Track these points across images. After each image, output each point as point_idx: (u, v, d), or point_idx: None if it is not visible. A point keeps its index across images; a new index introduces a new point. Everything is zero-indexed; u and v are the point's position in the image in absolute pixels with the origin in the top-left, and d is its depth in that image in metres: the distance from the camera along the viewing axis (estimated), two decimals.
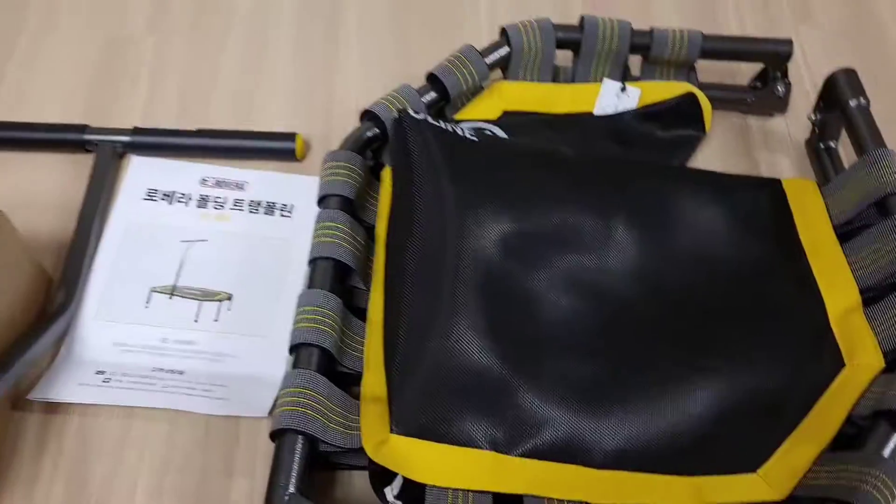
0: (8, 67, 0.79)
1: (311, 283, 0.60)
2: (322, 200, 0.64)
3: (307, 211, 0.71)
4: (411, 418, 0.53)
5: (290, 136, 0.73)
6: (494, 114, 0.71)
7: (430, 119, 0.62)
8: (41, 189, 0.72)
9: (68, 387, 0.60)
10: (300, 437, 0.52)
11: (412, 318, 0.57)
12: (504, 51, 0.70)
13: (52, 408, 0.60)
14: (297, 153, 0.73)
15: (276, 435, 0.53)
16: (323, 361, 0.56)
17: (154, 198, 0.71)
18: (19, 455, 0.59)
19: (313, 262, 0.61)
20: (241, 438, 0.60)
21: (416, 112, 0.65)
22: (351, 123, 0.75)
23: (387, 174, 0.67)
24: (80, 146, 0.72)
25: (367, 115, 0.68)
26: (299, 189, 0.72)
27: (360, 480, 0.58)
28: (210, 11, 0.85)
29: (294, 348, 0.57)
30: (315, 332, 0.56)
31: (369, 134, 0.67)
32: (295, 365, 0.56)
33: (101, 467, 0.58)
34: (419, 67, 0.79)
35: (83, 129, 0.73)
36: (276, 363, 0.63)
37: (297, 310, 0.58)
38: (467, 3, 0.87)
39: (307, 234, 0.69)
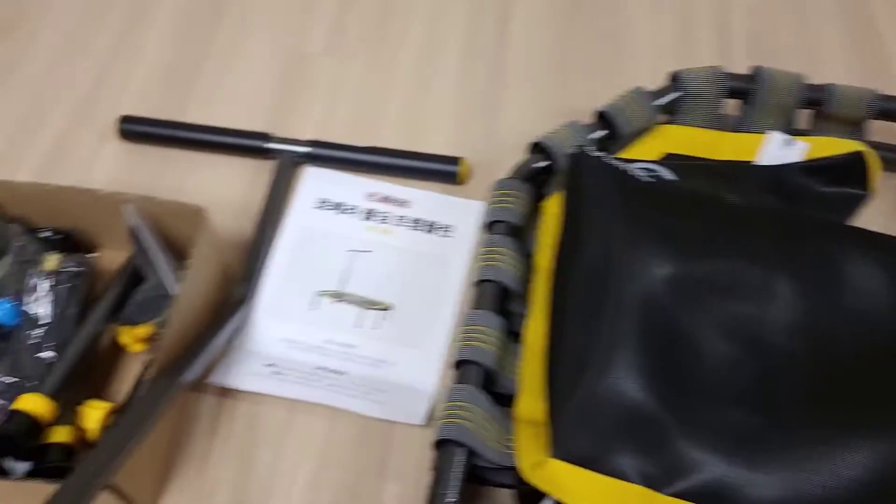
0: (201, 75, 0.87)
1: (478, 303, 0.63)
2: (490, 225, 0.67)
3: (466, 232, 0.75)
4: (570, 445, 0.55)
5: (455, 161, 0.77)
6: (657, 155, 0.73)
7: (605, 158, 0.64)
8: (224, 189, 0.78)
9: (241, 375, 0.65)
10: (461, 449, 0.55)
11: (573, 349, 0.59)
12: (674, 95, 0.71)
13: (225, 392, 0.66)
14: (459, 177, 0.77)
15: (439, 444, 0.56)
16: (484, 380, 0.59)
17: (325, 207, 0.76)
18: (194, 432, 0.64)
19: (480, 283, 0.64)
20: (395, 443, 0.63)
21: (591, 149, 0.67)
22: (510, 152, 0.79)
23: (550, 205, 0.69)
24: (262, 153, 0.78)
25: (537, 147, 0.70)
26: (460, 211, 0.76)
27: (500, 497, 0.61)
28: (383, 39, 0.91)
29: (459, 364, 0.60)
30: (480, 351, 0.59)
31: (538, 165, 0.70)
32: (459, 380, 0.59)
33: (266, 453, 0.63)
34: (579, 104, 0.82)
35: (266, 137, 0.79)
36: (430, 374, 0.66)
37: (464, 327, 0.61)
38: (629, 45, 0.89)
39: (464, 254, 0.73)
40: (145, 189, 0.77)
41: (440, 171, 0.78)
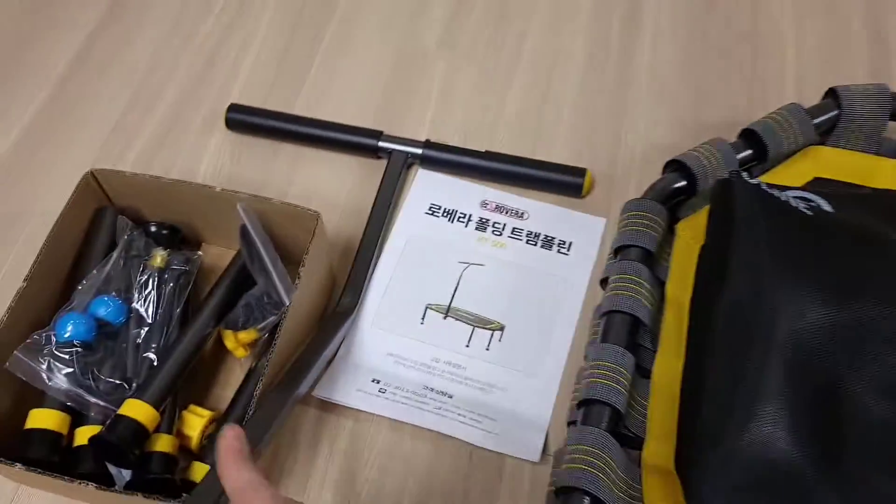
0: (311, 67, 0.83)
1: (606, 336, 0.58)
2: (621, 250, 0.62)
3: (586, 252, 0.69)
4: (708, 499, 0.50)
5: (580, 172, 0.72)
6: (804, 179, 0.66)
7: (763, 185, 0.58)
8: (330, 187, 0.74)
9: (348, 390, 0.61)
10: (588, 498, 0.50)
11: (713, 394, 0.53)
12: (833, 114, 0.64)
13: (329, 406, 0.62)
14: (583, 189, 0.71)
15: (563, 491, 0.51)
16: (613, 422, 0.54)
17: (436, 213, 0.72)
18: (298, 444, 0.61)
19: (609, 314, 0.59)
20: (505, 477, 0.59)
21: (745, 175, 0.60)
22: (636, 167, 0.73)
23: (684, 228, 0.63)
24: (373, 152, 0.75)
25: (675, 166, 0.64)
26: (580, 227, 0.71)
27: None
28: (502, 40, 0.85)
29: (585, 403, 0.55)
30: (609, 391, 0.54)
31: (676, 185, 0.64)
32: (585, 421, 0.54)
33: (369, 472, 0.59)
34: (713, 117, 0.76)
35: (379, 135, 0.75)
36: (543, 405, 0.61)
37: (591, 362, 0.56)
38: (773, 55, 0.81)
39: (584, 275, 0.67)
40: (249, 183, 0.75)
41: (563, 182, 0.72)
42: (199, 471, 0.56)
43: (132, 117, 0.80)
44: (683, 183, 0.64)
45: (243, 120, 0.77)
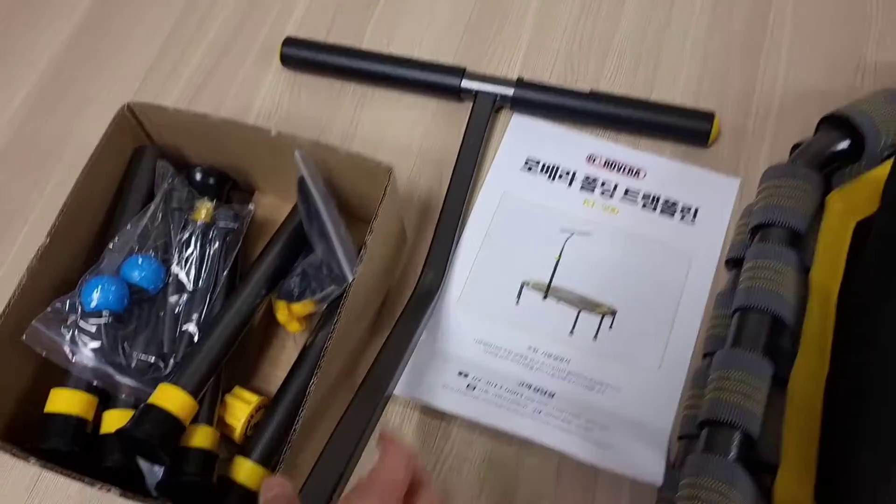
0: None
1: (739, 339, 0.46)
2: (760, 228, 0.49)
3: (715, 220, 0.56)
4: None
5: (707, 116, 0.58)
6: None
7: None
8: (403, 136, 0.62)
9: (432, 387, 0.50)
10: None
11: (876, 419, 0.40)
12: None
13: (399, 400, 0.52)
14: (709, 138, 0.58)
15: None
16: (744, 449, 0.42)
17: (534, 169, 0.60)
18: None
19: (744, 311, 0.46)
20: (600, 495, 0.48)
21: None
22: (774, 118, 0.60)
23: (837, 202, 0.50)
24: (455, 93, 0.62)
25: (833, 123, 0.51)
26: (708, 189, 0.57)
27: None
28: None
29: (709, 423, 0.43)
30: (742, 412, 0.42)
31: (837, 148, 0.50)
32: (709, 445, 0.43)
33: (458, 484, 0.49)
34: (880, 58, 0.61)
35: (461, 73, 0.62)
36: (664, 410, 0.50)
37: (718, 372, 0.44)
38: None
39: (713, 250, 0.55)
40: (309, 127, 0.63)
41: (684, 128, 0.59)
42: (242, 468, 0.46)
43: (174, 49, 0.69)
44: (846, 144, 0.50)
45: (301, 56, 0.65)
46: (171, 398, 0.44)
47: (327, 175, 0.52)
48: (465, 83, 0.62)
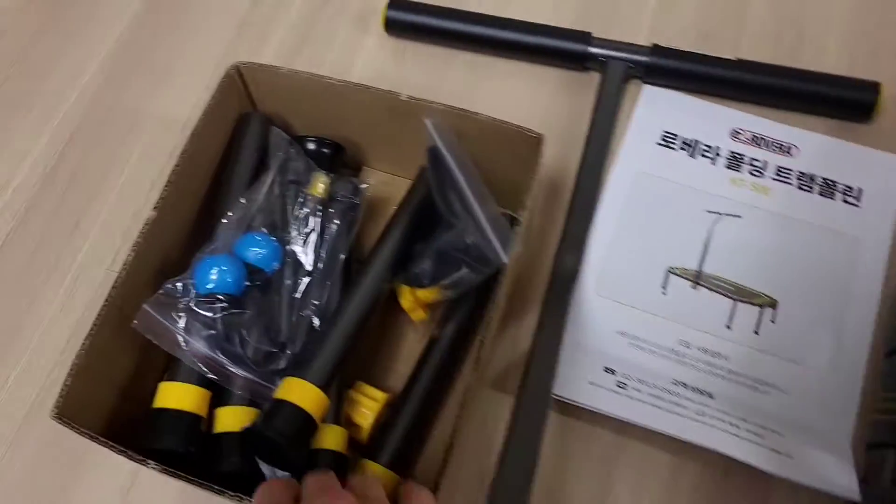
0: None
1: None
2: None
3: (883, 201, 0.50)
4: None
5: (871, 87, 0.52)
6: None
7: None
8: (523, 108, 0.56)
9: (577, 383, 0.44)
10: None
11: None
12: None
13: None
14: (873, 111, 0.52)
15: None
16: None
17: (672, 144, 0.54)
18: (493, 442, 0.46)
19: None
20: None
21: None
22: None
23: None
24: (579, 60, 0.56)
25: None
26: (872, 168, 0.51)
27: None
28: None
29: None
30: None
31: None
32: None
33: (602, 487, 0.44)
34: None
35: (587, 38, 0.57)
36: (842, 415, 0.44)
37: None
38: None
39: (884, 234, 0.49)
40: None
41: (845, 100, 0.52)
42: (370, 473, 0.41)
43: (271, 13, 0.64)
44: None
45: (407, 20, 0.59)
46: (303, 393, 0.39)
47: (458, 147, 0.46)
48: (593, 49, 0.56)
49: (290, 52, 0.61)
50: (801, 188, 0.51)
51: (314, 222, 0.45)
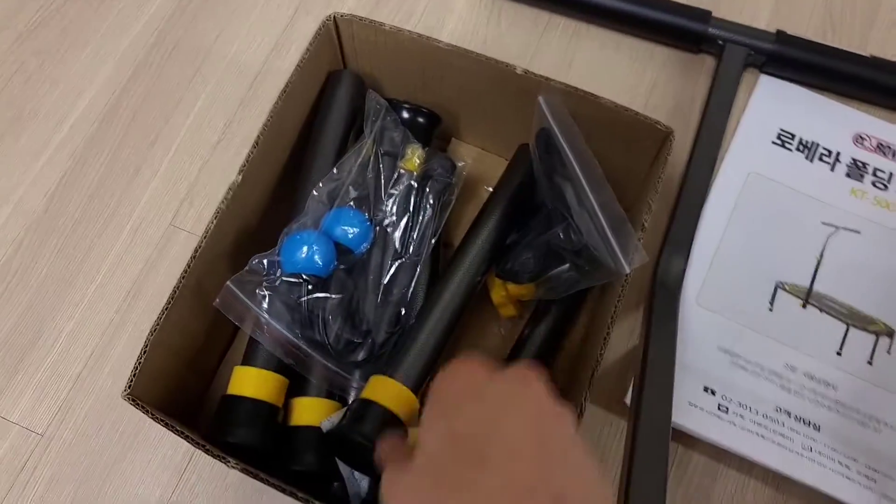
0: None
1: None
2: None
3: None
4: None
5: None
6: None
7: None
8: (623, 85, 0.52)
9: (676, 402, 0.41)
10: None
11: None
12: None
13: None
14: None
15: None
16: None
17: (788, 145, 0.49)
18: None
19: None
20: None
21: None
22: None
23: None
24: (695, 41, 0.51)
25: None
26: None
27: None
28: None
29: None
30: None
31: None
32: None
33: None
34: None
35: (706, 18, 0.51)
36: None
37: None
38: None
39: None
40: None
41: None
42: None
43: None
44: None
45: None
46: (391, 393, 0.35)
47: (572, 130, 0.42)
48: (713, 30, 0.51)
49: (373, 4, 0.56)
50: None
51: (409, 201, 0.41)
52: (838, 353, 0.44)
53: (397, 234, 0.41)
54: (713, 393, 0.42)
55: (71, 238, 0.49)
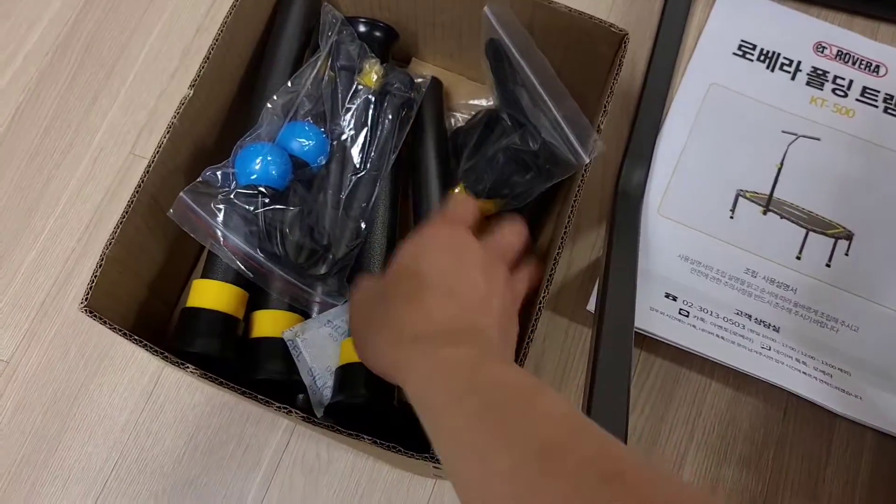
0: None
1: None
2: None
3: None
4: None
5: None
6: None
7: None
8: (584, 3, 0.52)
9: (638, 308, 0.42)
10: None
11: None
12: None
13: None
14: None
15: None
16: None
17: (749, 55, 0.49)
18: (567, 367, 0.43)
19: None
20: (835, 448, 0.41)
21: None
22: None
23: None
24: None
25: None
26: None
27: None
28: None
29: None
30: None
31: None
32: None
33: (656, 415, 0.42)
34: None
35: None
36: None
37: None
38: None
39: None
40: None
41: None
42: None
43: None
44: None
45: None
46: None
47: (521, 37, 0.41)
48: None
49: None
50: (887, 112, 0.47)
51: (366, 116, 0.40)
52: (797, 258, 0.44)
53: (355, 150, 0.41)
54: (674, 299, 0.43)
55: (28, 170, 0.48)
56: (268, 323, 0.38)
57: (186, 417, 0.43)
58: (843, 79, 0.48)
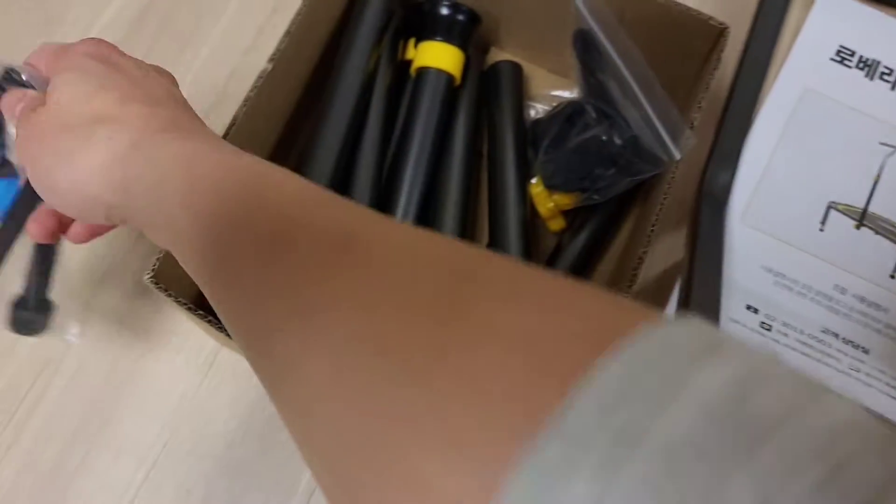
0: None
1: None
2: None
3: None
4: None
5: None
6: None
7: None
8: None
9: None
10: None
11: None
12: None
13: None
14: None
15: None
16: None
17: (847, 62, 0.47)
18: None
19: None
20: None
21: None
22: None
23: None
24: None
25: None
26: None
27: None
28: None
29: None
30: None
31: None
32: None
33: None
34: None
35: None
36: None
37: None
38: None
39: None
40: None
41: None
42: None
43: None
44: None
45: None
46: None
47: (616, 31, 0.40)
48: None
49: None
50: None
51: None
52: (892, 277, 0.41)
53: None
54: (756, 311, 0.40)
55: None
56: None
57: (240, 401, 0.42)
58: None
